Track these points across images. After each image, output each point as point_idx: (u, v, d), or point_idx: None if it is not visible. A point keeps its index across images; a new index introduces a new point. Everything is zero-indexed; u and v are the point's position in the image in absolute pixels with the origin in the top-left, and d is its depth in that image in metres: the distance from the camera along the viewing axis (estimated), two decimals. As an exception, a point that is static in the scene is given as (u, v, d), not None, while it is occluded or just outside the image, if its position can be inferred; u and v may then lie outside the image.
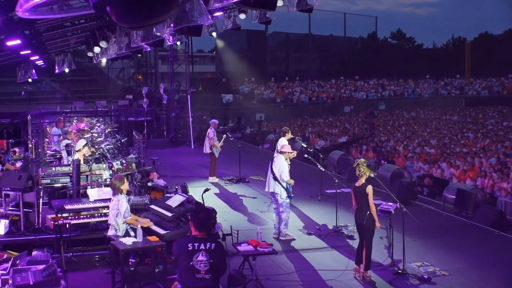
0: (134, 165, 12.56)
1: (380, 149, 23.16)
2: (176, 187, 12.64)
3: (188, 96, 26.69)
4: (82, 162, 11.57)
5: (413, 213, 14.47)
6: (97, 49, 16.93)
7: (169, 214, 9.68)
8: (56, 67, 20.34)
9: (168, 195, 10.97)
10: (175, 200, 9.98)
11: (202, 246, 6.07)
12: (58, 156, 14.79)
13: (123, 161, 12.63)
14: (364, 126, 34.42)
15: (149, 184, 10.56)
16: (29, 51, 13.39)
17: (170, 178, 18.52)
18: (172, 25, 9.49)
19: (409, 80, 65.85)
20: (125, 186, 9.33)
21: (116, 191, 9.27)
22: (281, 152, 12.49)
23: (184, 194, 10.17)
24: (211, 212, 6.50)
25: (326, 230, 12.88)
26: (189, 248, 6.06)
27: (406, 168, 19.56)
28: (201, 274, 6.01)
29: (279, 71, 65.97)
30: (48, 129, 18.73)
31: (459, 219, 14.22)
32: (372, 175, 10.07)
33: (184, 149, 26.46)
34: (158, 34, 11.93)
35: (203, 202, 11.83)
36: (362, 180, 9.90)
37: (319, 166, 13.60)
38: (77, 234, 10.63)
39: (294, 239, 12.20)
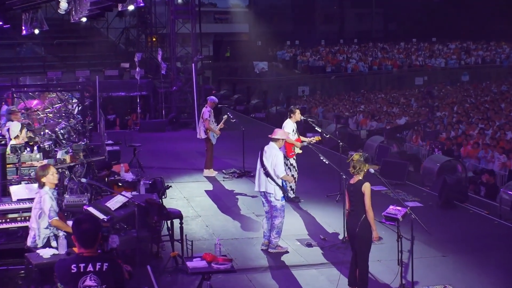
0: (81, 154, 12.59)
1: (434, 134, 22.73)
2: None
3: (193, 64, 26.61)
4: (8, 150, 11.65)
5: (455, 218, 14.36)
6: (63, 5, 17.01)
7: (106, 218, 9.65)
8: (23, 28, 20.50)
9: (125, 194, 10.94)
10: (116, 201, 9.96)
11: (90, 268, 5.82)
12: (3, 142, 14.93)
13: (70, 149, 12.68)
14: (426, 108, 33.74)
15: (83, 180, 10.50)
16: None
17: (156, 170, 18.65)
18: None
19: (502, 43, 64.33)
20: (49, 178, 9.31)
21: (39, 183, 9.31)
22: (273, 140, 12.21)
23: (126, 195, 10.09)
24: (99, 222, 6.32)
25: (333, 241, 12.68)
26: (72, 271, 5.81)
27: (461, 160, 19.14)
28: None
29: (331, 32, 65.50)
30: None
31: (514, 229, 13.89)
32: (372, 170, 9.84)
33: (187, 133, 26.47)
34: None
35: (162, 202, 11.89)
36: (359, 177, 9.68)
37: (321, 158, 13.40)
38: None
39: (287, 252, 12.07)
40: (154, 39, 40.82)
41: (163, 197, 13.37)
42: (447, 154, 20.47)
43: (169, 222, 11.87)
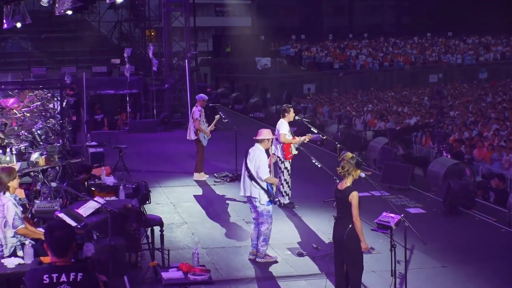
0: (56, 156, 12.59)
1: (442, 136, 22.66)
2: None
3: (186, 60, 26.62)
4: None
5: (459, 226, 14.36)
6: (45, -4, 17.21)
7: (78, 225, 9.64)
8: (4, 21, 20.57)
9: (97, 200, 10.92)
10: (89, 207, 9.94)
11: (63, 278, 5.80)
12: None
13: (44, 152, 12.69)
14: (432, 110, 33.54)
15: (53, 184, 10.50)
16: None
17: (144, 173, 18.66)
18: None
19: (523, 37, 64.23)
20: (14, 183, 9.30)
21: (2, 188, 9.27)
22: (257, 141, 12.23)
23: (98, 200, 10.06)
24: (73, 229, 6.30)
25: (326, 250, 12.63)
26: (44, 282, 5.78)
27: (470, 164, 19.05)
28: None
29: (339, 25, 65.37)
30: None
31: (522, 238, 13.83)
32: (362, 174, 9.78)
33: (180, 133, 26.30)
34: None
35: (144, 210, 11.88)
36: (347, 182, 9.61)
37: (313, 161, 13.40)
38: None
39: (276, 262, 12.04)
40: (152, 33, 40.76)
41: (147, 202, 13.36)
42: (456, 157, 20.35)
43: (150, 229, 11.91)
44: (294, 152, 15.33)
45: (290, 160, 15.39)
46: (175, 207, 15.72)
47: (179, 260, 11.28)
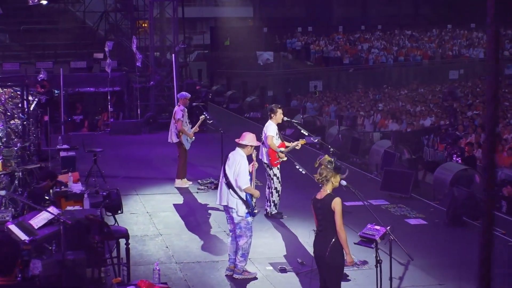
0: (13, 161, 12.55)
1: (451, 138, 22.55)
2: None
3: (173, 55, 26.56)
4: None
5: (461, 239, 14.23)
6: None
7: (28, 239, 9.58)
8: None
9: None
10: (41, 218, 9.88)
11: None
12: None
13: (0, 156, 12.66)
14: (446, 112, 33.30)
15: (2, 192, 10.46)
16: None
17: (122, 180, 18.67)
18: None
19: (554, 30, 63.92)
20: None
21: None
22: (240, 146, 12.11)
23: (50, 211, 9.98)
24: (18, 244, 6.23)
25: (311, 265, 12.50)
26: None
27: (478, 170, 18.93)
28: None
29: (350, 16, 65.18)
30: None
31: (531, 252, 13.64)
32: (343, 182, 9.66)
33: (166, 135, 26.13)
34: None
35: (116, 220, 11.83)
36: (327, 190, 9.50)
37: (297, 167, 13.33)
38: None
39: (255, 278, 11.96)
40: (144, 25, 40.59)
41: (118, 212, 13.28)
42: (467, 162, 20.20)
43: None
44: (283, 158, 15.16)
45: (279, 166, 15.26)
46: (151, 217, 15.65)
47: (148, 276, 11.22)
